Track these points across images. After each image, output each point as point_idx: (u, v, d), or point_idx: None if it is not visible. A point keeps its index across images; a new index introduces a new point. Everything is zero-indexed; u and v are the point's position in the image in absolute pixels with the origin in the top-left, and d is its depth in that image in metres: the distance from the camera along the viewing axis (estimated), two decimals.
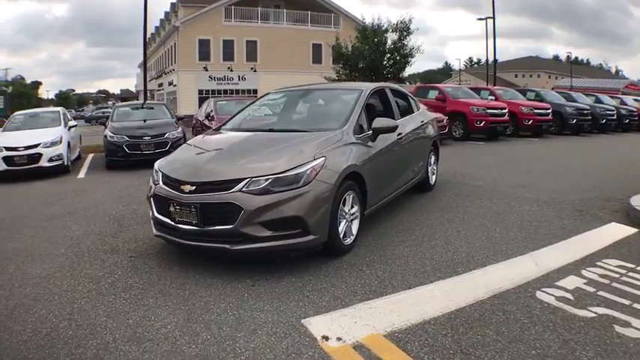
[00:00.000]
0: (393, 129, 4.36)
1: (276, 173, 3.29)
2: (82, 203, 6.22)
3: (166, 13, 41.84)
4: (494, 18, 24.94)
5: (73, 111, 58.14)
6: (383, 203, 4.62)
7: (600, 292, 2.97)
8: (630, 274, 3.27)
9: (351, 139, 3.98)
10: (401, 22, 20.74)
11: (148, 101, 14.19)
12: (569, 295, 2.94)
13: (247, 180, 3.25)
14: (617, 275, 3.25)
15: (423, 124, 5.85)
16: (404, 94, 6.05)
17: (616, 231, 4.26)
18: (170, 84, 36.85)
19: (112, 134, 9.27)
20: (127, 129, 9.45)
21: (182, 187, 3.42)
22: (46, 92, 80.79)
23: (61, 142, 8.89)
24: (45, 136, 8.76)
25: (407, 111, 5.78)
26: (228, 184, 3.27)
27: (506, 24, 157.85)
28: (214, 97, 14.76)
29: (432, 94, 14.46)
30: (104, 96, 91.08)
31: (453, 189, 6.35)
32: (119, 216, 5.39)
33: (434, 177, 6.40)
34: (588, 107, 16.58)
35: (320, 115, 4.71)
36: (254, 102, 5.29)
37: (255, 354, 2.38)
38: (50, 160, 8.61)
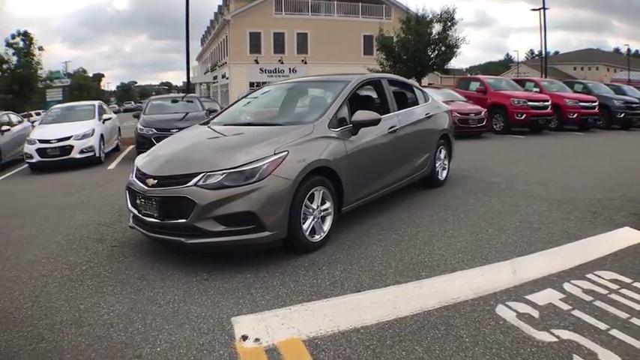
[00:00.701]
0: (374, 122, 4.15)
1: (231, 168, 3.25)
2: (99, 194, 6.58)
3: (219, 7, 43.13)
4: (544, 9, 23.63)
5: (132, 102, 61.59)
6: (369, 200, 4.44)
7: (575, 312, 2.58)
8: (622, 290, 2.84)
9: (325, 133, 3.83)
10: (445, 12, 20.02)
11: (173, 95, 14.60)
12: (535, 313, 2.59)
13: (203, 174, 3.24)
14: (605, 292, 2.83)
15: (428, 117, 5.53)
16: (408, 85, 5.76)
17: (625, 237, 3.77)
18: (223, 77, 38.01)
19: (141, 127, 9.70)
20: (156, 122, 9.84)
21: (147, 180, 3.48)
22: (108, 84, 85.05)
23: (92, 134, 9.42)
24: (77, 129, 9.31)
25: (409, 103, 5.49)
26: (185, 179, 3.28)
27: (567, 16, 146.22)
28: (250, 90, 14.98)
29: (474, 86, 14.01)
30: (167, 88, 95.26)
31: (465, 185, 5.97)
32: (124, 207, 5.60)
33: (445, 172, 6.05)
34: (637, 101, 15.13)
35: (300, 108, 4.60)
36: (247, 95, 5.28)
37: (170, 347, 2.38)
38: (81, 151, 9.15)
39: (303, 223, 3.53)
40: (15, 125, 11.47)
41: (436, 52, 19.92)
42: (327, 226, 3.78)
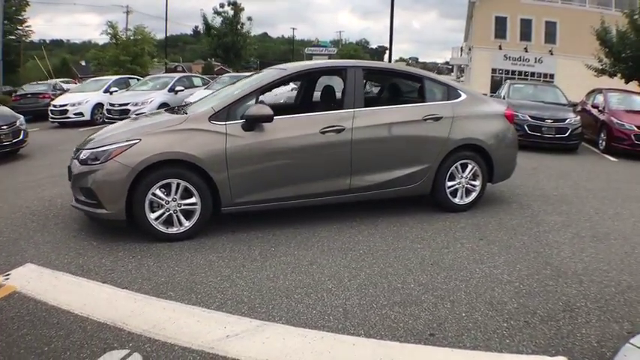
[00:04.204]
0: (265, 118, 3.79)
1: (91, 148, 3.74)
2: None
3: None
4: None
5: None
6: (286, 207, 4.13)
7: None
8: None
9: (200, 126, 3.82)
10: None
11: None
12: None
13: (81, 151, 3.87)
14: None
15: (433, 119, 4.45)
16: (411, 77, 4.85)
17: None
18: (470, 60, 36.44)
19: None
20: None
21: None
22: (388, 58, 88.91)
23: None
24: None
25: (404, 99, 4.61)
26: (78, 152, 3.95)
27: None
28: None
29: None
30: (450, 67, 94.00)
31: (496, 216, 4.67)
32: None
33: (472, 196, 4.77)
34: None
35: (216, 99, 4.44)
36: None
37: None
38: None
39: (153, 212, 3.67)
40: (196, 87, 13.45)
41: None
42: (190, 222, 3.84)
